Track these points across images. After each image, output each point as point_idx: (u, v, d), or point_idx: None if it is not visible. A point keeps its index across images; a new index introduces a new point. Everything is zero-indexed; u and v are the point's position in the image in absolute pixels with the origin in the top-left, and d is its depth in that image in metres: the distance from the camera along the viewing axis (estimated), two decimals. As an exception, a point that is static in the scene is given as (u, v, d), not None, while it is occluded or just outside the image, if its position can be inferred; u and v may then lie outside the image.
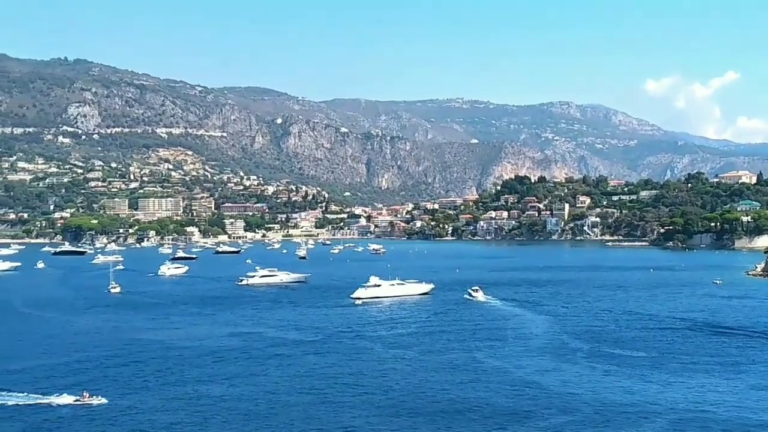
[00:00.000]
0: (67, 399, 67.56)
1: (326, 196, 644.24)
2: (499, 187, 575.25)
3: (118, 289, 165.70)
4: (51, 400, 67.64)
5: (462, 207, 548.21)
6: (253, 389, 73.20)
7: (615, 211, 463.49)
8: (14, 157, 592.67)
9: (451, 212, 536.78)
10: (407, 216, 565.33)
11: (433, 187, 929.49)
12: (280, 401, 68.82)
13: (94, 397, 67.74)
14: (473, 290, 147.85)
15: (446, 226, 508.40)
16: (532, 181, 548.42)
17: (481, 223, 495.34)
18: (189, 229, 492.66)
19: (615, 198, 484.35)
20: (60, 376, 78.96)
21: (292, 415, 64.67)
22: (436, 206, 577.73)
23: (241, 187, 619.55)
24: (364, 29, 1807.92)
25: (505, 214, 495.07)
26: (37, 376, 78.77)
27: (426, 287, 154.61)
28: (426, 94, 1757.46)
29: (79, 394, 68.10)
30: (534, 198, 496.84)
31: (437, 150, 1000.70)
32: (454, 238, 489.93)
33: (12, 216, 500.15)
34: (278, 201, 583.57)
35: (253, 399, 69.53)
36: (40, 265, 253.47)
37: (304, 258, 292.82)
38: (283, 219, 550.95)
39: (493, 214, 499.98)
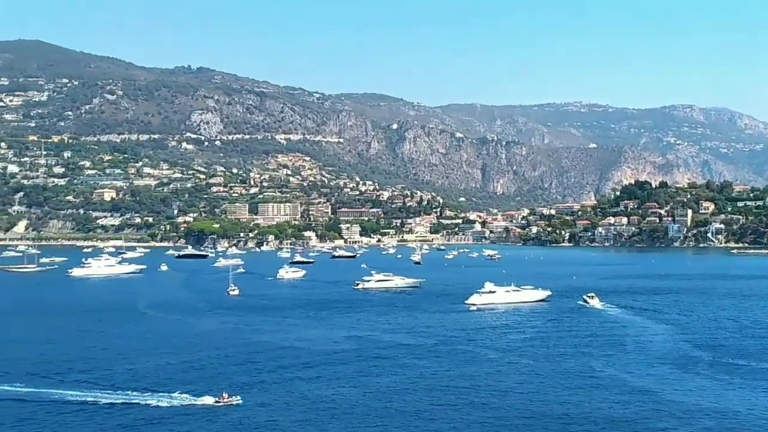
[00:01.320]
0: (208, 400, 69.28)
1: (441, 201, 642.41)
2: (618, 193, 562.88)
3: (236, 292, 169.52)
4: (194, 401, 69.38)
5: (579, 212, 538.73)
6: (368, 391, 73.85)
7: (740, 217, 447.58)
8: (140, 163, 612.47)
9: (568, 218, 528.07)
10: (523, 221, 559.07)
11: (550, 192, 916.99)
12: (394, 404, 69.20)
13: (233, 397, 69.34)
14: (588, 297, 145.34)
15: (563, 232, 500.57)
16: (653, 186, 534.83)
17: (600, 229, 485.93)
18: (306, 233, 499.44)
19: (740, 204, 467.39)
20: (186, 376, 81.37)
21: (406, 418, 64.94)
22: (553, 212, 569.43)
23: (357, 192, 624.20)
24: (480, 34, 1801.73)
25: (624, 220, 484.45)
26: (163, 376, 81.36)
27: (542, 294, 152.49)
28: (543, 98, 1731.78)
29: (219, 395, 69.70)
30: (655, 204, 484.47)
31: (554, 155, 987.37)
32: (571, 244, 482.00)
33: (138, 220, 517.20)
34: (393, 206, 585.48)
35: (368, 401, 70.09)
36: (164, 267, 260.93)
37: (418, 263, 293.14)
38: (398, 224, 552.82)
39: (612, 220, 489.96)
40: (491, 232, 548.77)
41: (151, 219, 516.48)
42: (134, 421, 64.57)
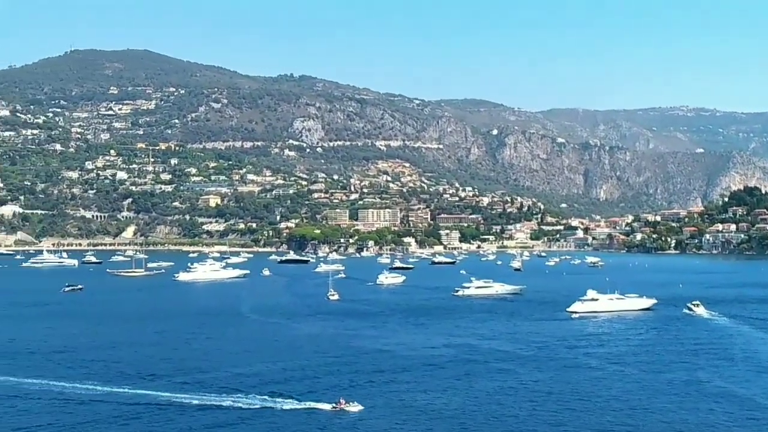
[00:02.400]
0: (324, 405, 69.24)
1: (542, 207, 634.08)
2: (726, 199, 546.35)
3: (336, 297, 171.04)
4: (309, 406, 69.49)
5: (686, 219, 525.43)
6: (468, 398, 73.54)
7: None
8: (244, 170, 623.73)
9: (674, 225, 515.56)
10: (626, 228, 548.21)
11: (655, 198, 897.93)
12: (494, 411, 68.71)
13: (350, 403, 68.84)
14: (693, 305, 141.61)
15: (669, 239, 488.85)
16: (763, 192, 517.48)
17: (707, 236, 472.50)
18: (406, 239, 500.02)
19: None
20: (291, 379, 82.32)
21: (507, 425, 64.41)
22: (658, 218, 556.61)
23: (457, 198, 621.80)
24: (582, 37, 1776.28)
25: (733, 227, 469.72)
26: (269, 379, 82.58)
27: (647, 302, 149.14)
28: (647, 102, 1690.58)
29: (336, 401, 69.46)
30: (765, 210, 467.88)
31: (659, 160, 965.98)
32: (677, 251, 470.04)
33: (241, 225, 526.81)
34: (493, 212, 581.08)
35: (468, 408, 69.74)
36: (266, 272, 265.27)
37: (519, 270, 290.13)
38: (498, 230, 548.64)
39: (720, 227, 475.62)
40: (594, 238, 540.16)
41: (254, 224, 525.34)
42: (242, 420, 65.83)
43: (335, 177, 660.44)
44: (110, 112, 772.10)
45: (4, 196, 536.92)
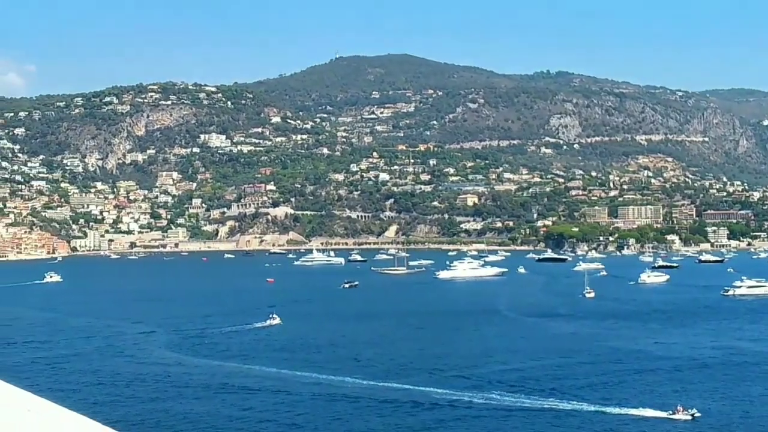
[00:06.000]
0: (653, 413, 66.84)
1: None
2: None
3: (592, 294, 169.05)
4: (638, 413, 67.66)
5: None
6: (732, 407, 70.70)
7: None
8: (500, 169, 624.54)
9: None
10: None
11: None
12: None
13: (687, 410, 65.76)
14: None
15: None
16: None
17: None
18: (669, 237, 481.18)
19: None
20: (570, 380, 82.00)
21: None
22: None
23: (725, 194, 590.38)
24: None
25: None
26: (551, 380, 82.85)
27: None
28: None
29: (672, 408, 66.42)
30: None
31: None
32: None
33: (499, 224, 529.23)
34: (765, 207, 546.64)
35: (740, 416, 67.19)
36: (521, 270, 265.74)
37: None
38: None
39: None
40: None
41: (511, 223, 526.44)
42: (577, 425, 65.41)
43: (593, 174, 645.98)
44: (372, 116, 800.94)
45: (277, 198, 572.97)
